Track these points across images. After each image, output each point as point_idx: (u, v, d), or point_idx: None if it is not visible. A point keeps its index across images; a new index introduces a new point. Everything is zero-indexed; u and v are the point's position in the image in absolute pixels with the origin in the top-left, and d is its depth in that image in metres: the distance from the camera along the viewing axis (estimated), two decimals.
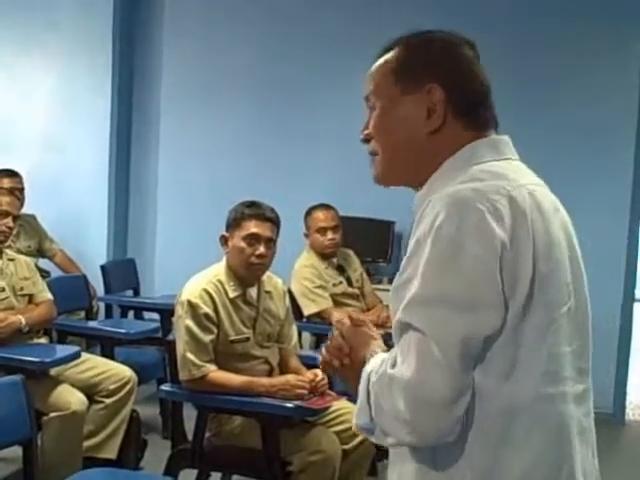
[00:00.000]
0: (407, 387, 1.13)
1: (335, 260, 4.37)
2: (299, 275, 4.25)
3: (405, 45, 1.35)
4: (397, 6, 5.39)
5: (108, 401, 3.49)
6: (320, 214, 4.31)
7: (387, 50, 1.37)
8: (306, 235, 4.36)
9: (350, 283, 4.36)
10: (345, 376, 1.39)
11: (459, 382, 1.13)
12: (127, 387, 3.55)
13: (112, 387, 3.52)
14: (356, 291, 4.38)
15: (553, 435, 1.20)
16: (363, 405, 1.23)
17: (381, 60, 1.37)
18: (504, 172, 1.25)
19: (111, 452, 3.46)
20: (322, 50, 5.58)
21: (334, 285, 4.28)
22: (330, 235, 4.28)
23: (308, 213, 4.37)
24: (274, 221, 3.06)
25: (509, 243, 1.16)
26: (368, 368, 1.26)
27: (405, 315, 1.17)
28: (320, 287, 4.21)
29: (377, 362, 1.25)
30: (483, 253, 1.14)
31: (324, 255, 4.31)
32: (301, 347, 3.53)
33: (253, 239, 3.00)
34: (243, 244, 3.00)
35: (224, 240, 3.07)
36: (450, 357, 1.12)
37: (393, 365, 1.17)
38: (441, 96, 1.29)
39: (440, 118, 1.29)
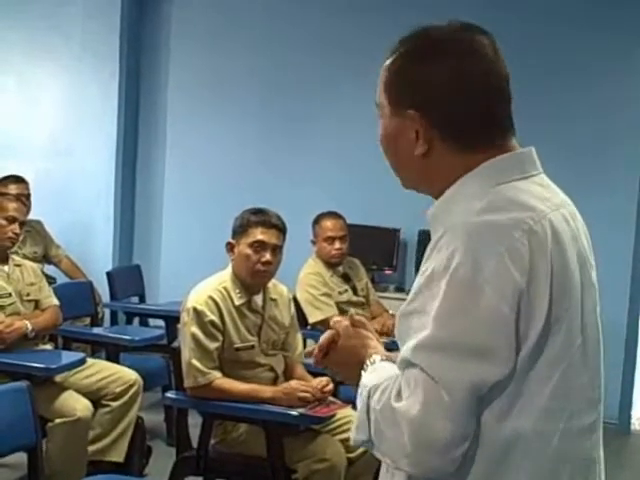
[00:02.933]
0: (411, 424, 1.12)
1: (341, 268, 4.36)
2: (304, 283, 4.25)
3: (397, 54, 1.26)
4: (404, 15, 5.39)
5: (114, 404, 3.50)
6: (329, 223, 4.30)
7: (388, 56, 1.29)
8: (313, 242, 4.36)
9: (355, 292, 4.36)
10: (344, 376, 1.40)
11: (463, 428, 1.12)
12: (133, 390, 3.55)
13: (118, 390, 3.52)
14: (361, 299, 4.38)
15: (544, 472, 1.18)
16: (362, 421, 1.21)
17: (384, 64, 1.29)
18: (527, 199, 1.19)
19: (118, 455, 3.46)
20: (330, 56, 5.59)
21: (339, 293, 4.28)
22: (337, 245, 4.27)
23: (317, 221, 4.36)
24: (280, 228, 3.06)
25: (526, 287, 1.13)
26: (367, 382, 1.24)
27: (414, 357, 1.14)
28: (325, 295, 4.21)
29: (376, 381, 1.22)
30: (499, 301, 1.11)
31: (330, 264, 4.31)
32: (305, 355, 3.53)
33: (259, 246, 3.00)
34: (249, 251, 3.00)
35: (230, 247, 3.07)
36: (457, 403, 1.11)
37: (397, 396, 1.15)
38: (422, 121, 1.21)
39: (424, 144, 1.22)
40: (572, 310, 1.19)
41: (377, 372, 1.26)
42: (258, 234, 3.00)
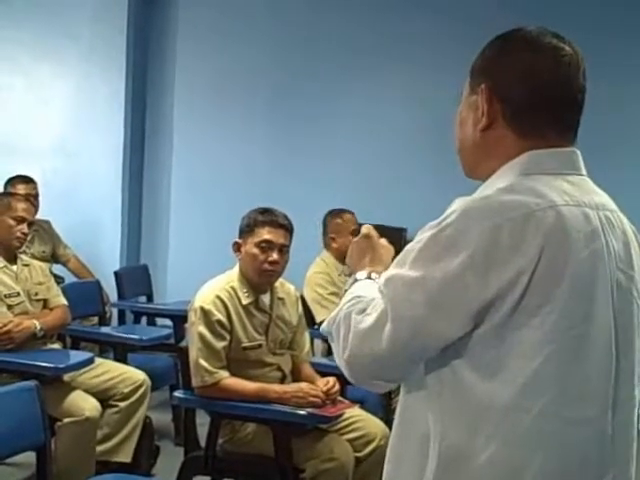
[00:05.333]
0: (355, 336, 1.27)
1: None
2: (312, 282, 4.25)
3: (485, 47, 1.37)
4: (415, 18, 5.40)
5: (122, 405, 3.50)
6: (349, 215, 4.36)
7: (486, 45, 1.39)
8: (332, 238, 4.34)
9: None
10: (354, 258, 1.55)
11: (395, 359, 1.25)
12: (141, 390, 3.55)
13: (126, 391, 3.53)
14: None
15: (514, 450, 1.20)
16: (334, 316, 1.36)
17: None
18: (542, 188, 1.24)
19: (126, 456, 3.46)
20: (336, 56, 5.59)
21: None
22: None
23: (334, 216, 4.36)
24: (287, 228, 3.06)
25: (505, 262, 1.18)
26: (355, 291, 1.39)
27: (383, 285, 1.27)
28: (333, 294, 4.20)
29: (362, 293, 1.35)
30: (468, 267, 1.19)
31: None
32: (313, 354, 3.53)
33: (266, 246, 3.00)
34: (256, 250, 3.00)
35: (237, 247, 3.07)
36: (395, 338, 1.22)
37: (361, 311, 1.29)
38: (488, 96, 1.31)
39: (487, 117, 1.32)
40: (569, 300, 1.20)
41: (369, 287, 1.39)
42: (265, 234, 3.00)
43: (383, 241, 1.56)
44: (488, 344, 1.21)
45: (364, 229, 1.57)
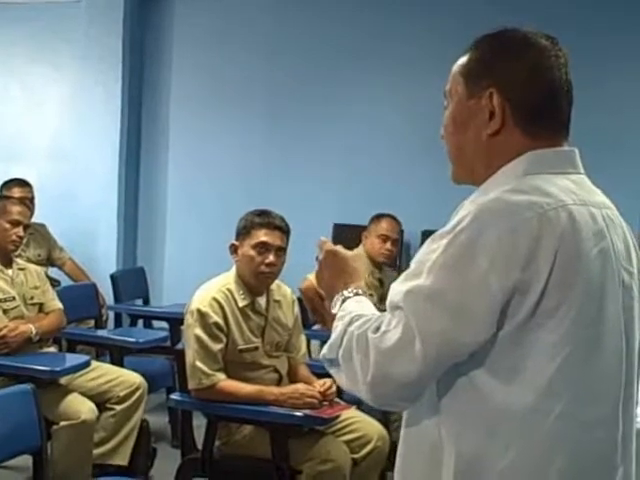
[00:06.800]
0: (379, 355, 1.21)
1: (379, 272, 4.34)
2: None
3: (476, 46, 1.36)
4: (409, 20, 5.41)
5: (118, 408, 3.49)
6: (386, 223, 4.36)
7: (465, 52, 1.38)
8: (366, 237, 4.36)
9: (382, 300, 4.35)
10: (326, 283, 1.47)
11: (426, 374, 1.21)
12: (137, 393, 3.55)
13: (122, 394, 3.52)
14: (382, 308, 4.33)
15: (535, 447, 1.20)
16: (335, 341, 1.30)
17: (458, 61, 1.38)
18: (549, 188, 1.24)
19: (123, 459, 3.46)
20: (334, 62, 5.60)
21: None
22: (389, 245, 4.31)
23: (374, 219, 4.40)
24: (284, 230, 3.06)
25: (526, 264, 1.17)
26: (352, 309, 1.34)
27: (401, 300, 1.22)
28: None
29: (361, 312, 1.32)
30: (489, 271, 1.17)
31: (376, 262, 4.31)
32: (309, 355, 3.53)
33: (263, 248, 3.00)
34: (253, 253, 3.00)
35: (234, 249, 3.07)
36: (426, 353, 1.18)
37: (376, 330, 1.24)
38: (500, 100, 1.30)
39: (498, 122, 1.30)
40: (583, 300, 1.21)
41: (362, 304, 1.37)
42: (262, 236, 3.00)
43: (348, 252, 1.50)
44: (507, 348, 1.20)
45: (326, 246, 1.49)
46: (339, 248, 1.49)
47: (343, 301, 1.39)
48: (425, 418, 1.27)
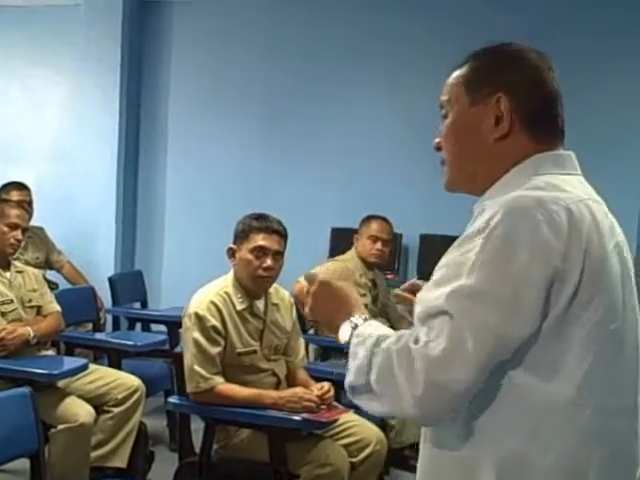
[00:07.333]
0: (430, 365, 1.17)
1: (371, 273, 4.35)
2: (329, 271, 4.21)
3: (475, 58, 1.40)
4: (409, 20, 5.42)
5: (116, 410, 3.49)
6: (376, 224, 4.36)
7: (462, 64, 1.41)
8: (357, 239, 4.36)
9: (375, 301, 4.36)
10: (327, 316, 1.46)
11: (479, 378, 1.19)
12: (135, 396, 3.55)
13: (120, 396, 3.52)
14: (374, 309, 4.33)
15: (576, 441, 1.23)
16: (362, 366, 1.26)
17: (455, 72, 1.41)
18: (565, 185, 1.29)
19: (121, 461, 3.46)
20: (333, 62, 5.60)
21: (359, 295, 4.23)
22: (379, 246, 4.31)
23: (364, 221, 4.40)
24: (282, 234, 3.06)
25: (563, 254, 1.20)
26: (372, 332, 1.30)
27: (444, 304, 1.19)
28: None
29: (382, 332, 1.28)
30: (531, 261, 1.19)
31: (367, 263, 4.32)
32: (308, 359, 3.53)
33: (261, 252, 3.00)
34: (250, 256, 3.00)
35: (231, 252, 3.07)
36: (479, 352, 1.17)
37: (416, 341, 1.20)
38: (508, 105, 1.34)
39: (506, 126, 1.34)
40: (609, 293, 1.25)
41: (379, 327, 1.34)
42: (259, 240, 3.01)
43: (339, 282, 1.49)
44: (548, 342, 1.21)
45: (319, 278, 1.48)
46: (330, 279, 1.49)
47: (354, 328, 1.36)
48: (454, 430, 1.26)
